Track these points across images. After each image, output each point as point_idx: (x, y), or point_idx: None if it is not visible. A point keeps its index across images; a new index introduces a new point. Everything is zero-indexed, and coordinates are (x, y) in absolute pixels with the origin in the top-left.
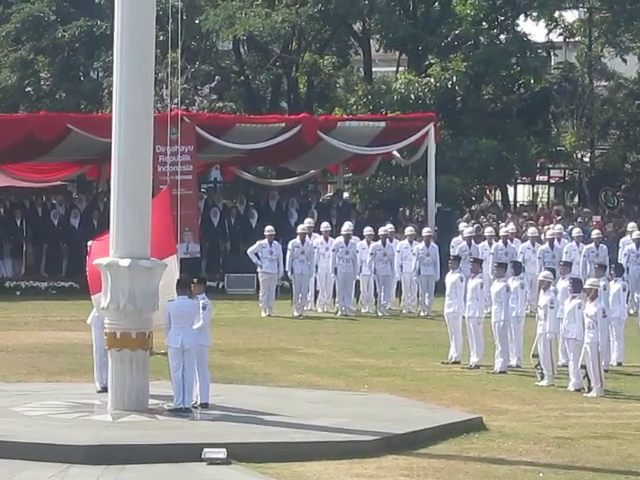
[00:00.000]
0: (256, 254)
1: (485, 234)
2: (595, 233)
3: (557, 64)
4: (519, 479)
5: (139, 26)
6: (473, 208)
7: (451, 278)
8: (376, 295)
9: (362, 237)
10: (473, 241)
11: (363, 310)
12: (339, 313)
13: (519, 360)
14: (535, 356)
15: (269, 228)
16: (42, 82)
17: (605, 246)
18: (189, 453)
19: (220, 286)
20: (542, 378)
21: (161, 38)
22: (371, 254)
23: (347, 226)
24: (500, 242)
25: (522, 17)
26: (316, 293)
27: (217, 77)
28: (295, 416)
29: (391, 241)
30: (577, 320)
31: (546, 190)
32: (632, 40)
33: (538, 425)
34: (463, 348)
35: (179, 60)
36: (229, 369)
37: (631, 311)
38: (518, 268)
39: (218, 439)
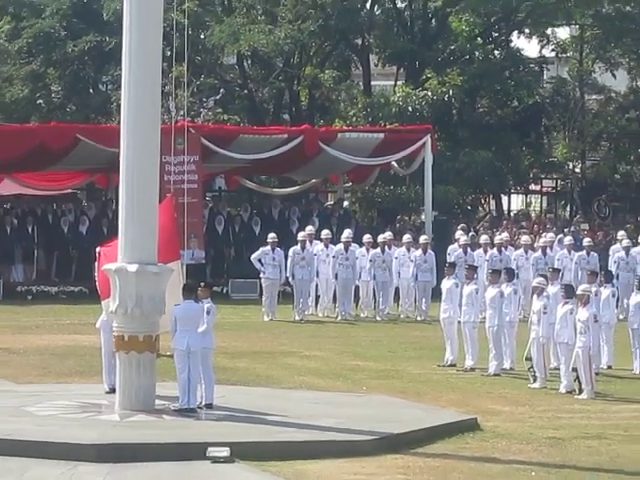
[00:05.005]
0: (259, 260)
1: (480, 242)
2: (586, 241)
3: (549, 79)
4: (512, 478)
5: (146, 42)
6: (475, 216)
7: (447, 284)
8: (375, 300)
9: (361, 244)
10: (469, 248)
11: (362, 315)
12: (339, 317)
13: (512, 363)
14: (528, 359)
15: (272, 235)
16: (53, 95)
17: (596, 254)
18: (194, 452)
19: (224, 291)
20: (535, 380)
21: (168, 53)
22: (370, 261)
23: (347, 233)
24: (495, 250)
25: (515, 33)
26: (317, 298)
27: (221, 90)
28: (296, 416)
29: (389, 248)
30: (569, 325)
31: (539, 199)
32: (621, 56)
33: (531, 426)
34: (458, 352)
35: (185, 74)
36: (233, 371)
37: (620, 316)
38: (511, 275)
39: (222, 438)
